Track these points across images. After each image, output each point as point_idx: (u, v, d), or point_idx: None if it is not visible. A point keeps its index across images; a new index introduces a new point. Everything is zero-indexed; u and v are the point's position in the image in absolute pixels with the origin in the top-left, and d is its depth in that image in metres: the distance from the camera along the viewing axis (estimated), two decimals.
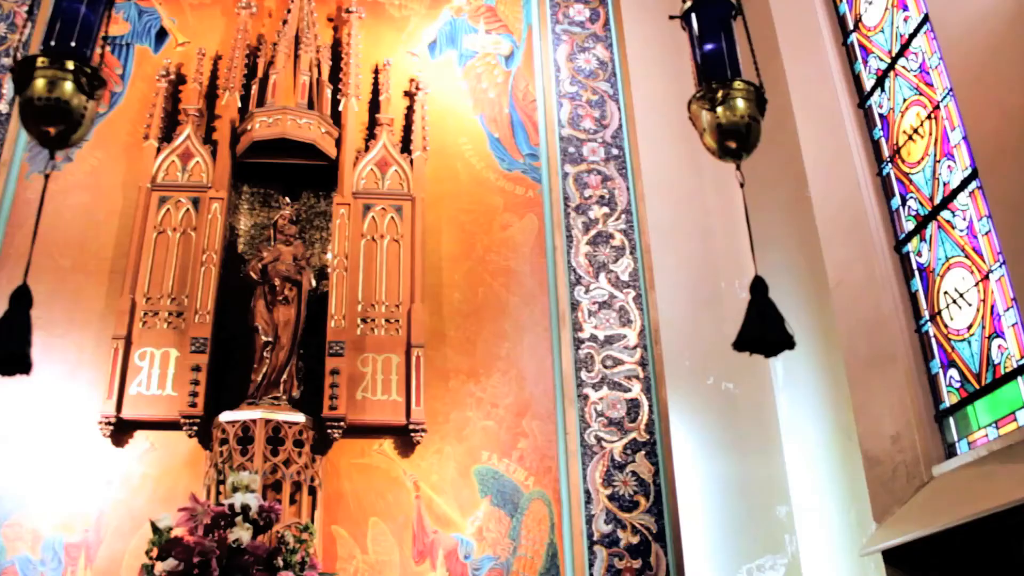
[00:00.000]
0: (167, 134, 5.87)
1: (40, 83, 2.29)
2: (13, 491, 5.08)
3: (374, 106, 6.17)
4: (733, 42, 2.73)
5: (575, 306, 5.80)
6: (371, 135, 6.04)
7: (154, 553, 4.40)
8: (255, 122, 5.75)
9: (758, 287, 2.56)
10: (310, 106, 5.87)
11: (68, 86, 2.30)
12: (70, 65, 2.32)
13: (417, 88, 6.16)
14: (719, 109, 2.62)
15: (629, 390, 5.63)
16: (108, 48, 5.62)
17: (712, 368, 6.02)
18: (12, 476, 5.10)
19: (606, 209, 6.09)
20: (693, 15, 2.88)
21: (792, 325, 6.08)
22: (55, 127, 2.28)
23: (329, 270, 5.71)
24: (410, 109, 6.17)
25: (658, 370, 5.68)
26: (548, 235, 5.99)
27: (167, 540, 4.41)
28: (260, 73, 6.04)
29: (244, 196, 6.04)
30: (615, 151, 6.26)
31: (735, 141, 2.63)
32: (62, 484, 5.13)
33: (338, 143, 5.89)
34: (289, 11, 6.22)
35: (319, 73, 6.04)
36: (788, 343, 2.50)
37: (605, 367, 5.67)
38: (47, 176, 2.62)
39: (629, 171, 6.19)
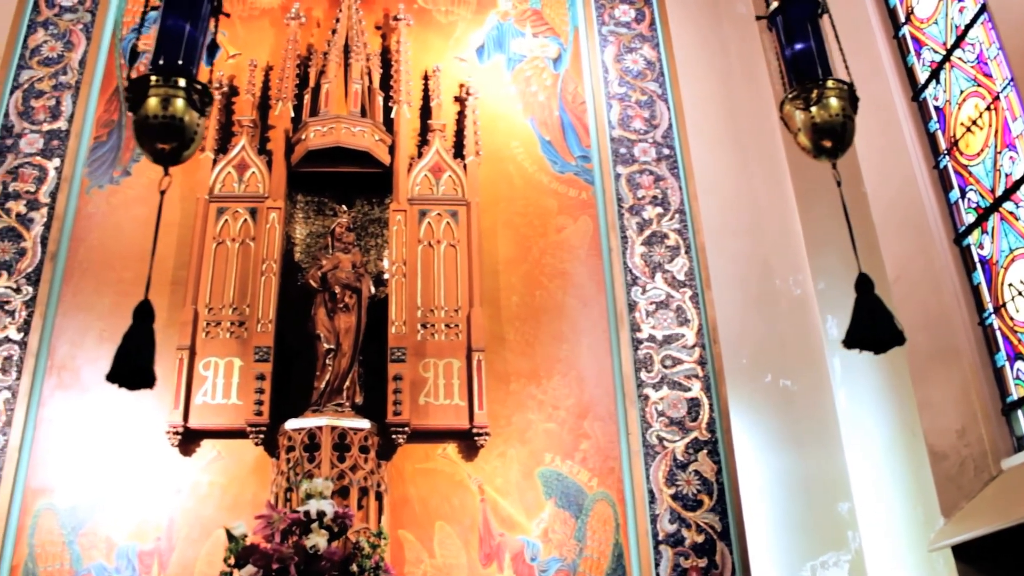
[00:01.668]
0: (222, 146, 5.93)
1: (153, 102, 2.33)
2: (86, 501, 5.15)
3: (425, 112, 6.20)
4: (822, 40, 2.73)
5: (632, 306, 5.81)
6: (423, 141, 6.07)
7: (231, 560, 4.45)
8: (309, 131, 5.80)
9: (864, 285, 2.55)
10: (363, 114, 5.91)
11: (180, 103, 2.35)
12: (181, 83, 2.36)
13: (467, 93, 6.19)
14: (813, 109, 2.62)
15: (689, 389, 5.63)
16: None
17: (769, 365, 6.02)
18: (85, 486, 5.18)
19: (659, 209, 6.09)
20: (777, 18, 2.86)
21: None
22: (169, 144, 2.31)
23: (387, 276, 5.76)
24: (461, 114, 6.20)
25: (717, 368, 5.67)
26: (603, 236, 6.00)
27: (244, 547, 4.45)
28: (312, 83, 6.09)
29: (299, 205, 6.10)
30: (666, 151, 6.27)
31: (830, 139, 2.64)
32: (133, 493, 5.19)
33: (391, 150, 5.92)
34: (338, 20, 6.27)
35: (370, 81, 6.09)
36: (898, 339, 2.50)
37: (664, 367, 5.67)
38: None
39: (681, 170, 6.19)
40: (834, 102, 2.65)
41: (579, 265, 5.94)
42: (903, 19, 5.87)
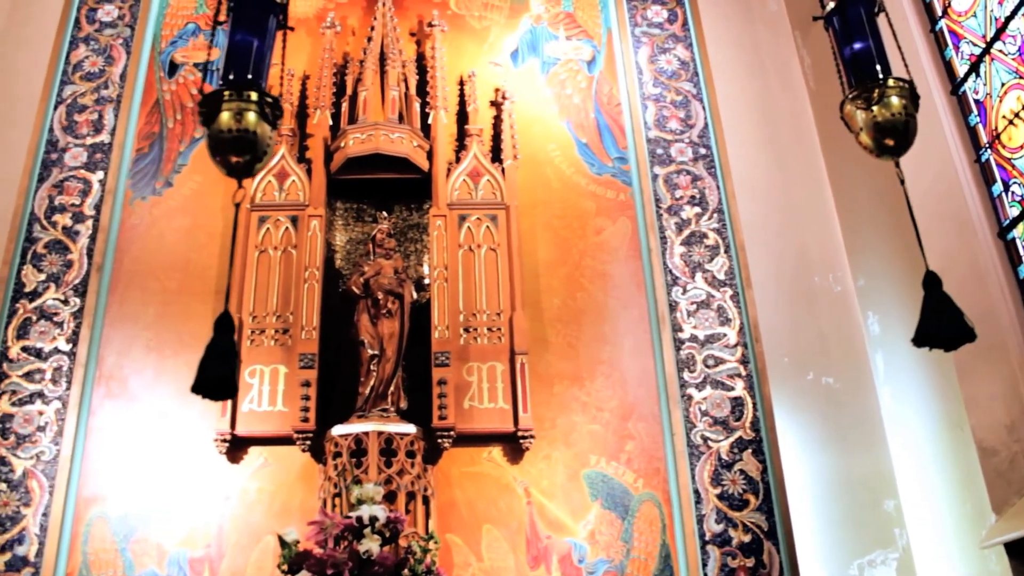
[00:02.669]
0: None
1: (226, 116, 2.37)
2: (137, 509, 5.21)
3: (461, 117, 6.24)
4: (880, 39, 2.74)
5: (673, 307, 5.82)
6: (461, 146, 6.11)
7: (284, 567, 4.49)
8: (348, 139, 5.85)
9: (931, 282, 2.55)
10: (400, 120, 5.95)
11: (252, 116, 2.38)
12: (253, 96, 2.39)
13: (503, 97, 6.22)
14: (875, 108, 2.62)
15: (732, 388, 5.63)
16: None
17: (810, 363, 6.01)
18: (135, 494, 5.24)
19: (698, 209, 6.10)
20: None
21: (891, 318, 6.07)
22: (242, 156, 2.35)
23: (427, 281, 5.79)
24: (497, 118, 6.23)
25: (760, 367, 5.67)
26: (642, 237, 6.01)
27: (297, 553, 4.49)
28: (349, 91, 6.14)
29: (339, 212, 6.14)
30: (702, 150, 6.27)
31: (893, 138, 2.64)
32: (182, 501, 5.25)
33: (429, 156, 5.96)
34: (373, 28, 6.32)
35: (407, 87, 6.13)
36: (969, 336, 2.50)
37: (707, 367, 5.67)
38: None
39: (718, 170, 6.20)
40: (895, 100, 2.65)
41: (619, 266, 5.95)
42: (940, 13, 5.85)
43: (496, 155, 6.06)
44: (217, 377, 2.21)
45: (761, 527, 5.34)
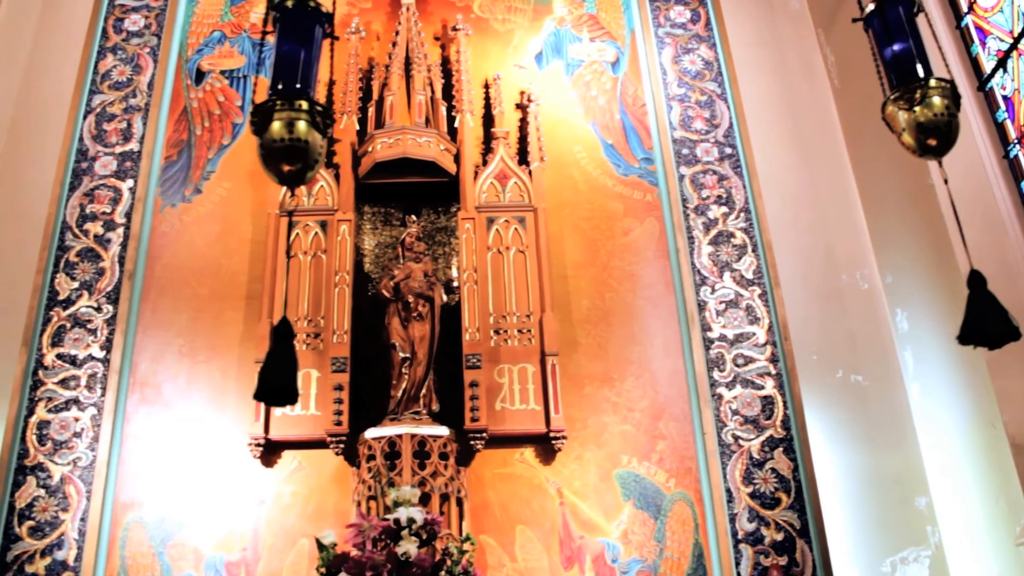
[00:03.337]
0: None
1: (277, 125, 2.40)
2: (173, 513, 5.26)
3: (487, 120, 6.27)
4: (920, 39, 2.75)
5: (702, 306, 5.83)
6: (487, 149, 6.14)
7: (323, 569, 4.53)
8: (376, 143, 5.89)
9: (976, 281, 2.56)
10: (427, 124, 5.99)
11: (303, 125, 2.41)
12: (303, 105, 2.42)
13: (529, 100, 6.25)
14: (917, 108, 2.63)
15: (762, 387, 5.64)
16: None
17: (839, 361, 6.00)
18: (171, 499, 5.29)
19: (725, 208, 6.11)
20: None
21: (920, 315, 6.05)
22: (294, 165, 2.38)
23: (457, 284, 5.83)
24: (523, 121, 6.26)
25: (789, 366, 5.67)
26: (670, 238, 6.03)
27: (335, 556, 4.53)
28: (375, 95, 6.17)
29: (366, 216, 6.18)
30: (728, 150, 6.28)
31: (935, 138, 2.64)
32: (218, 505, 5.29)
33: (456, 159, 5.99)
34: (397, 33, 6.36)
35: (432, 91, 6.16)
36: (1014, 334, 2.50)
37: (737, 366, 5.68)
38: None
39: (744, 169, 6.21)
40: (937, 101, 2.66)
41: (647, 267, 5.97)
42: (965, 9, 5.84)
43: (523, 157, 6.09)
44: (278, 385, 2.24)
45: (793, 525, 5.34)
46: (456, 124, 6.11)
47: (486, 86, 6.41)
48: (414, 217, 5.99)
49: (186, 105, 6.36)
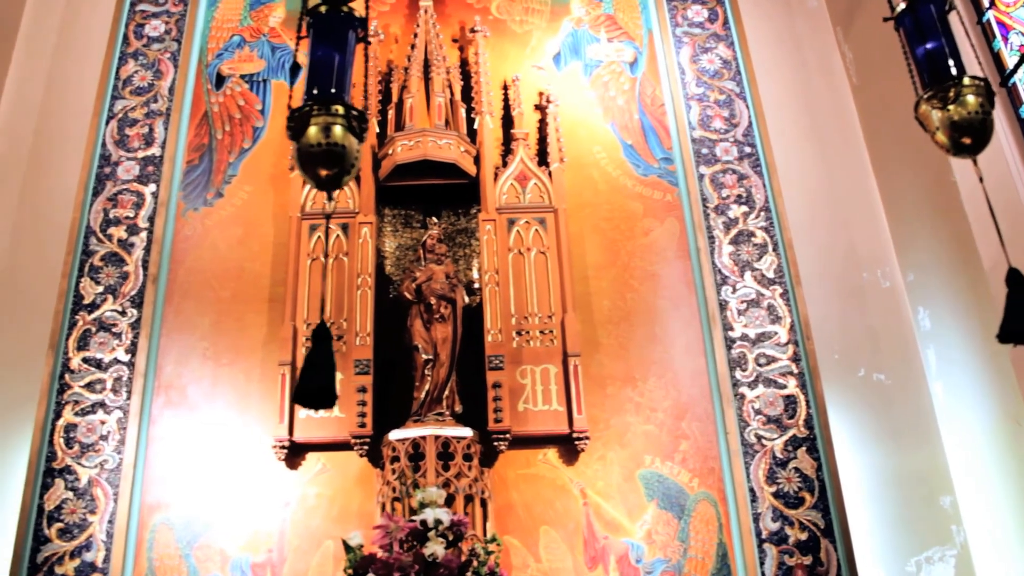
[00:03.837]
0: None
1: (314, 130, 2.42)
2: (199, 515, 5.29)
3: (507, 122, 6.29)
4: (953, 37, 2.75)
5: (723, 306, 5.83)
6: (507, 150, 6.15)
7: (350, 571, 4.55)
8: (396, 146, 5.91)
9: (1016, 279, 2.55)
10: (446, 126, 6.00)
11: (339, 130, 2.43)
12: (339, 109, 2.44)
13: (548, 101, 6.26)
14: (951, 107, 2.63)
15: (785, 387, 5.64)
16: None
17: (861, 360, 5.98)
18: (197, 501, 5.32)
19: (745, 208, 6.11)
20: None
21: (942, 313, 6.02)
22: (331, 170, 2.40)
23: (478, 286, 5.84)
24: (542, 122, 6.27)
25: (812, 365, 5.67)
26: (690, 237, 6.03)
27: (363, 557, 4.55)
28: (395, 98, 6.20)
29: (387, 219, 6.20)
30: (747, 149, 6.29)
31: (970, 136, 2.64)
32: (243, 507, 5.32)
33: (476, 160, 6.01)
34: (416, 35, 6.38)
35: (452, 93, 6.18)
36: None
37: (759, 365, 5.68)
38: None
39: (764, 168, 6.21)
40: (971, 99, 2.66)
41: (668, 267, 5.98)
42: (987, 4, 5.82)
43: (542, 158, 6.10)
44: (318, 387, 2.25)
45: (817, 525, 5.34)
46: (475, 126, 6.12)
47: (505, 87, 6.43)
48: (435, 219, 6.01)
49: (207, 109, 6.40)
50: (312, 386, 2.24)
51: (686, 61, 6.59)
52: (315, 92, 2.51)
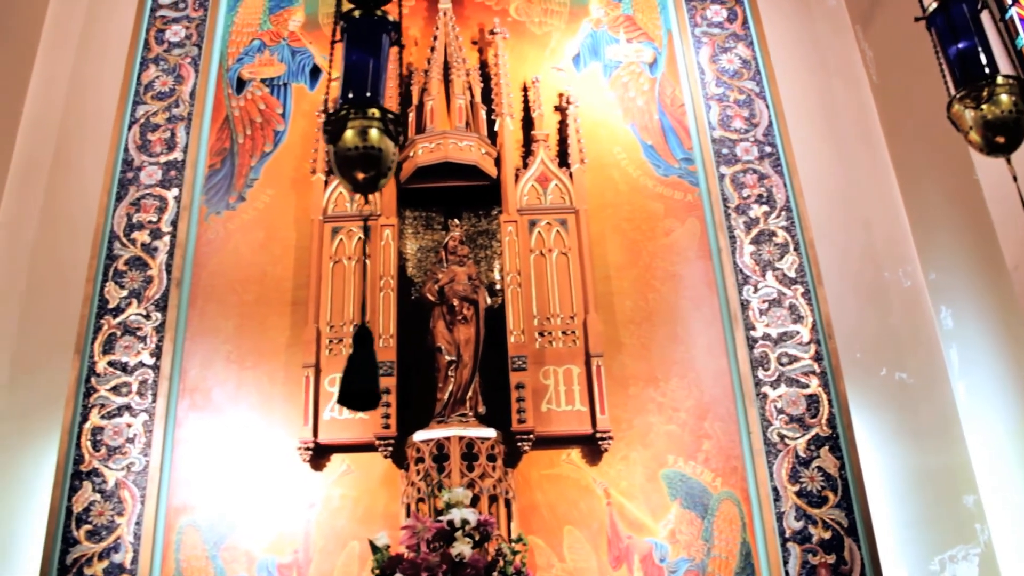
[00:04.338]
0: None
1: (351, 134, 2.44)
2: (225, 517, 5.32)
3: (527, 123, 6.31)
4: (986, 36, 2.75)
5: (745, 306, 5.83)
6: (528, 152, 6.17)
7: (377, 571, 4.58)
8: (417, 148, 5.93)
9: None
10: (467, 128, 6.02)
11: (375, 133, 2.45)
12: (375, 113, 2.46)
13: (568, 102, 6.27)
14: (984, 106, 2.64)
15: (807, 386, 5.64)
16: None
17: (883, 359, 5.97)
18: (223, 503, 5.36)
19: (766, 207, 6.11)
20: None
21: (965, 311, 6.01)
22: (368, 173, 2.42)
23: (500, 287, 5.87)
24: (562, 123, 6.29)
25: (834, 364, 5.67)
26: (711, 237, 6.04)
27: (390, 557, 4.58)
28: (415, 101, 6.22)
29: (408, 221, 6.23)
30: (768, 148, 6.29)
31: (1003, 135, 2.64)
32: (269, 508, 5.35)
33: (497, 162, 6.02)
34: (435, 38, 6.40)
35: (472, 95, 6.20)
36: None
37: (781, 364, 5.68)
38: None
39: (784, 167, 6.21)
40: (1005, 98, 2.66)
41: (689, 267, 5.99)
42: (1010, 1, 5.81)
43: (563, 160, 6.12)
44: (361, 390, 2.28)
45: (841, 523, 5.34)
46: (496, 128, 6.14)
47: (524, 89, 6.45)
48: (456, 221, 6.03)
49: (228, 114, 6.44)
50: (356, 388, 2.26)
51: (705, 61, 6.60)
52: (351, 96, 2.53)
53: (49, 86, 6.49)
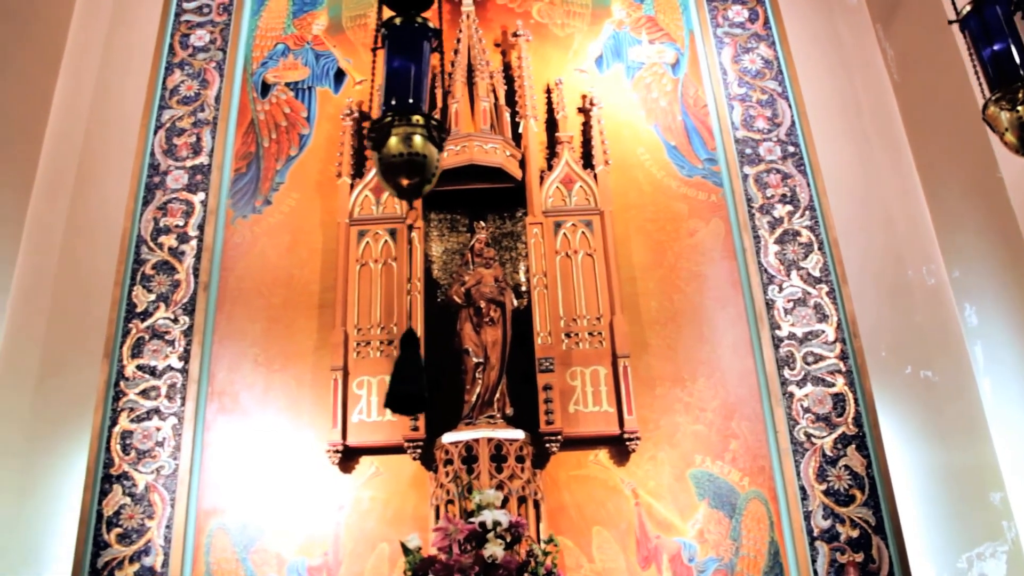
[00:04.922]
0: (357, 170, 6.12)
1: (394, 140, 2.47)
2: (255, 519, 5.37)
3: (551, 125, 6.33)
4: (1020, 38, 2.75)
5: (770, 305, 5.84)
6: (552, 154, 6.19)
7: (409, 573, 4.61)
8: (442, 151, 5.94)
9: None
10: (491, 130, 6.05)
11: (419, 139, 2.48)
12: (419, 120, 2.49)
13: (591, 104, 6.29)
14: (1021, 108, 2.64)
15: (833, 385, 5.64)
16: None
17: (908, 357, 5.96)
18: (252, 505, 5.40)
19: (790, 207, 6.12)
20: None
21: (989, 309, 5.99)
22: (412, 179, 2.45)
23: (525, 289, 5.89)
24: (586, 125, 6.31)
25: (860, 363, 5.67)
26: (736, 237, 6.05)
27: (422, 559, 4.61)
28: (439, 103, 6.25)
29: (433, 223, 6.26)
30: (791, 148, 6.30)
31: None
32: (298, 510, 5.39)
33: (521, 164, 6.05)
34: (458, 40, 6.43)
35: (496, 98, 6.23)
36: None
37: (807, 364, 5.69)
38: None
39: (808, 167, 6.22)
40: None
41: (714, 267, 6.00)
42: None
43: (587, 161, 6.14)
44: (408, 393, 2.30)
45: (868, 522, 5.34)
46: (520, 130, 6.16)
47: (548, 91, 6.47)
48: (482, 223, 6.05)
49: (253, 118, 6.49)
50: (402, 392, 2.28)
51: (728, 61, 6.61)
52: (393, 103, 2.56)
53: (75, 92, 6.53)
